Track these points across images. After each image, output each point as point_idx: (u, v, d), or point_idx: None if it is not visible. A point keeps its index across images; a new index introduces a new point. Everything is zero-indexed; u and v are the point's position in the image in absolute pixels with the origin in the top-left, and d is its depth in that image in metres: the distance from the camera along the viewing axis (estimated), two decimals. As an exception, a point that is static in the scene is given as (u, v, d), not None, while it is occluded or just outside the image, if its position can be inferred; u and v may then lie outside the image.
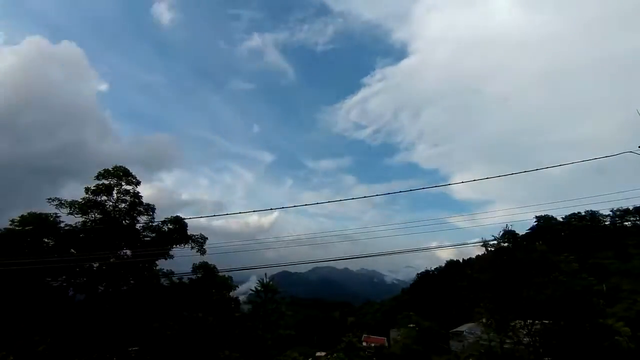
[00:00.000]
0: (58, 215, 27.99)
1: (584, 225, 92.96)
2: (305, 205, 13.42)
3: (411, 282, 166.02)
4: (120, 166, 31.26)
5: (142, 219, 31.73)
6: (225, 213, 13.37)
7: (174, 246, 31.77)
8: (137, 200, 31.34)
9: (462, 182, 13.98)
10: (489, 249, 24.03)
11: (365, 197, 13.18)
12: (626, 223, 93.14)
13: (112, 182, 30.43)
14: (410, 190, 12.71)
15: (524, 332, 19.60)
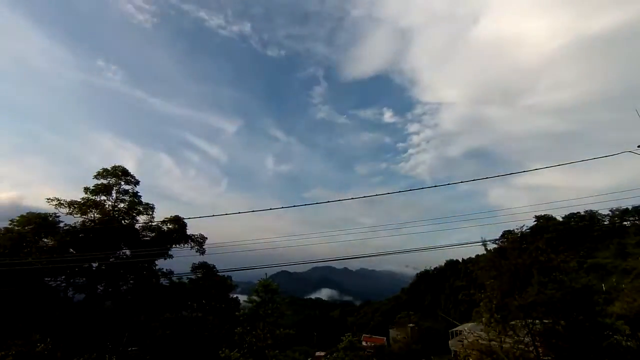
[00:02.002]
0: (57, 215, 27.95)
1: (583, 225, 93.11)
2: (306, 205, 13.38)
3: (411, 281, 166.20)
4: (119, 166, 31.23)
5: (142, 218, 31.73)
6: (225, 213, 13.28)
7: (174, 246, 31.75)
8: (136, 200, 31.30)
9: (461, 182, 13.99)
10: (489, 248, 24.08)
11: (364, 197, 13.16)
12: (625, 222, 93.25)
13: (111, 182, 30.38)
14: (410, 190, 12.67)
15: (525, 332, 19.60)
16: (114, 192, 30.44)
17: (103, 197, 29.87)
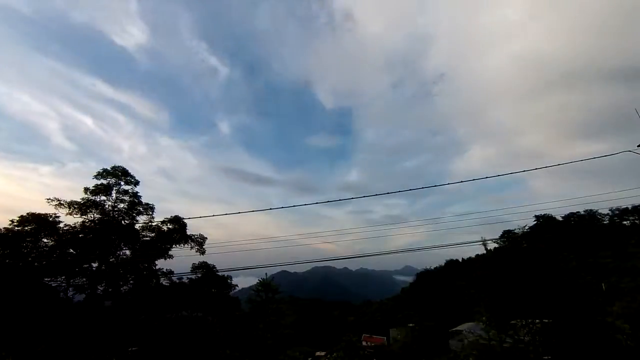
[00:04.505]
0: (57, 215, 27.96)
1: (583, 224, 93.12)
2: (305, 205, 13.38)
3: (411, 281, 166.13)
4: (118, 166, 31.24)
5: (142, 218, 31.73)
6: (225, 213, 13.42)
7: (174, 246, 31.75)
8: (136, 200, 31.29)
9: (461, 182, 14.02)
10: (489, 248, 24.10)
11: (363, 196, 13.17)
12: (625, 222, 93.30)
13: (111, 182, 30.40)
14: (410, 189, 12.68)
15: (525, 331, 19.62)
16: (113, 192, 30.45)
17: (103, 198, 29.87)
